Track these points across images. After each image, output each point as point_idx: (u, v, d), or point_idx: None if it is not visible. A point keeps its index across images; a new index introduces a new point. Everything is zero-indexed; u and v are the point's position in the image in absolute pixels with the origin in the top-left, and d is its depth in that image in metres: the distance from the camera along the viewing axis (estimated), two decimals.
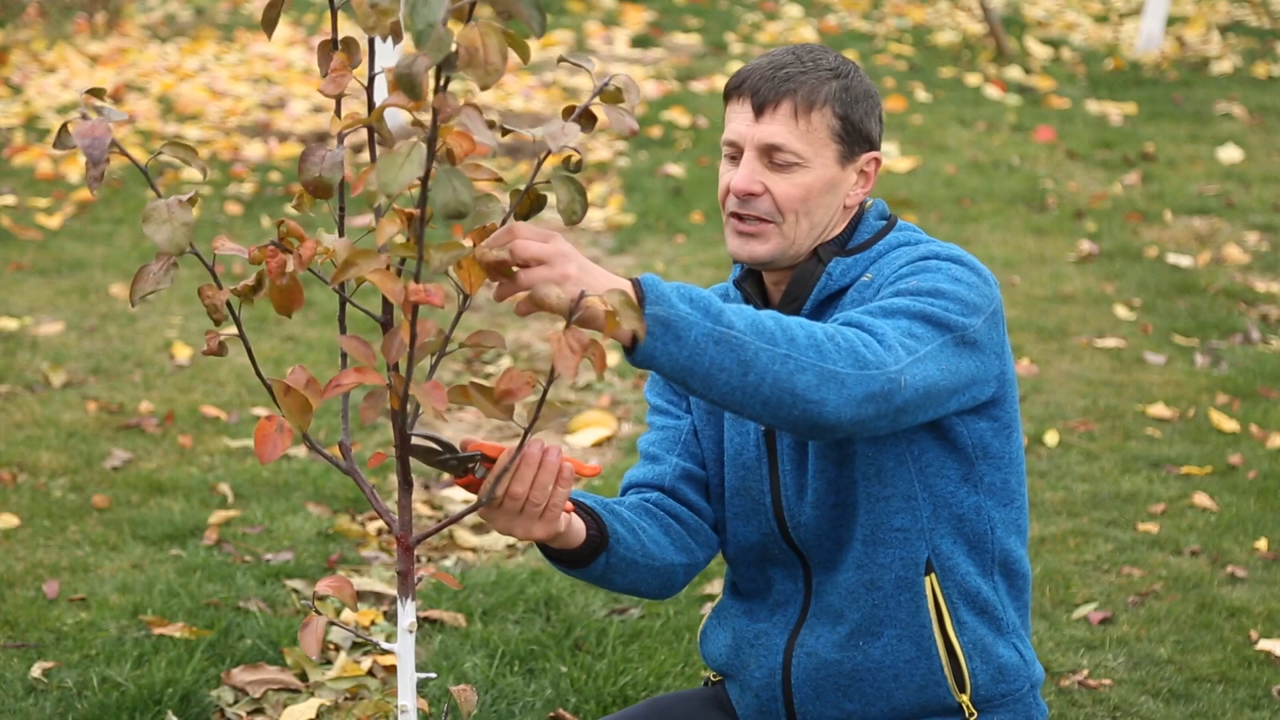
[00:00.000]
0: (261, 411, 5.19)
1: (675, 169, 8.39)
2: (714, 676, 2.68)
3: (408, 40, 1.74)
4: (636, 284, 2.01)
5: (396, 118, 3.44)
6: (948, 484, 2.39)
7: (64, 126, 1.88)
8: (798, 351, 2.06)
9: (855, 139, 2.38)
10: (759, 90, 2.36)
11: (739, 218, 2.38)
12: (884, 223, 2.46)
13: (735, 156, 2.39)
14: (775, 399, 2.06)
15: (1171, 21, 12.98)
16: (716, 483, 2.53)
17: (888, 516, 2.38)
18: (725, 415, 2.49)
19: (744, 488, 2.47)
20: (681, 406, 2.57)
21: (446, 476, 4.77)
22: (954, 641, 2.41)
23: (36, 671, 3.58)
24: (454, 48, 1.73)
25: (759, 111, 2.36)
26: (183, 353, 5.65)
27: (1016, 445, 2.44)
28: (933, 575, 2.40)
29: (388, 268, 1.88)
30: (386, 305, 1.97)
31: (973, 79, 10.86)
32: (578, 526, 2.29)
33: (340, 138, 1.95)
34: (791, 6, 13.44)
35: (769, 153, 2.36)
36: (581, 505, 2.33)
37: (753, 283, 2.46)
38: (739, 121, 2.38)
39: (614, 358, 5.66)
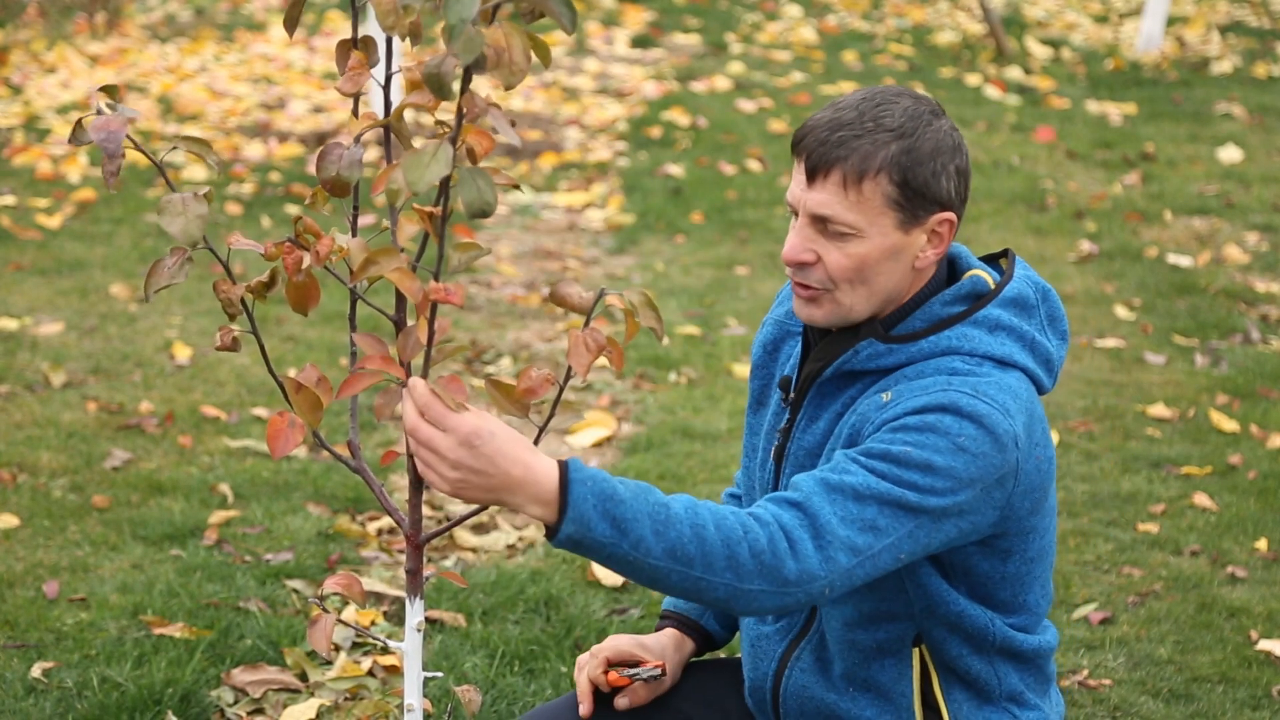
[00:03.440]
0: (262, 412, 5.19)
1: (675, 169, 8.38)
2: None
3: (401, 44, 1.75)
4: (563, 485, 1.98)
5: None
6: (939, 586, 2.29)
7: (79, 122, 1.89)
8: (713, 574, 2.06)
9: (918, 203, 2.20)
10: (812, 154, 2.20)
11: (797, 280, 2.27)
12: (956, 310, 2.28)
13: (795, 215, 2.26)
14: (692, 597, 2.12)
15: (1171, 22, 12.97)
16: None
17: (877, 601, 2.30)
18: (755, 421, 2.47)
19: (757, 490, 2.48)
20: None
21: None
22: (940, 706, 2.34)
23: (36, 671, 3.58)
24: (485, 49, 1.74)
25: (810, 177, 2.21)
26: (183, 353, 5.64)
27: (1018, 564, 2.31)
28: (922, 647, 2.34)
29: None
30: (400, 303, 1.97)
31: (973, 79, 10.85)
32: (686, 647, 2.55)
33: (358, 137, 1.95)
34: (791, 6, 13.43)
35: (821, 221, 2.22)
36: (685, 621, 2.56)
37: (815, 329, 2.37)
38: (795, 183, 2.24)
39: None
